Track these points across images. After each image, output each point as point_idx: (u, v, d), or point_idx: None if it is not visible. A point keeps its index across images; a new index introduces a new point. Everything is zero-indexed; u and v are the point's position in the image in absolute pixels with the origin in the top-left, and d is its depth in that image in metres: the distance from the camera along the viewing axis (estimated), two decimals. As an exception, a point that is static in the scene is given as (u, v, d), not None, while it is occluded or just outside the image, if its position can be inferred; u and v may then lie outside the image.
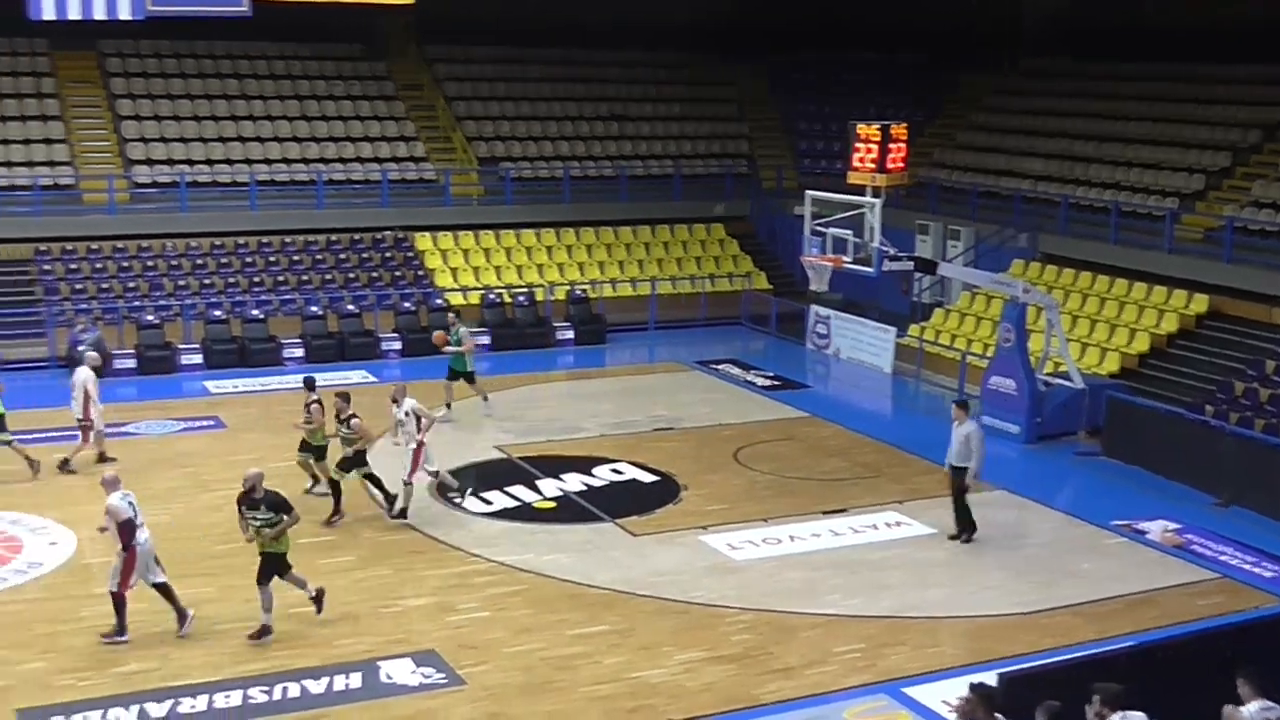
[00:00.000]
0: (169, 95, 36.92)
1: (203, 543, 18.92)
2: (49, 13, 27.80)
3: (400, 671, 15.08)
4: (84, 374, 22.46)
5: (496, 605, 17.03)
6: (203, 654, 15.44)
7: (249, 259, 33.45)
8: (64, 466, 22.01)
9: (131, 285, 31.91)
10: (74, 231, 32.59)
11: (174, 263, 32.80)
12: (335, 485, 20.09)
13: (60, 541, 18.74)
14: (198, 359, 29.84)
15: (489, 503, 20.92)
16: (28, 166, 33.51)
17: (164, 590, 16.11)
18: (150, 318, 30.45)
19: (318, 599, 16.36)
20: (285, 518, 15.90)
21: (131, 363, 29.45)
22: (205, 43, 37.70)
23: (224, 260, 33.23)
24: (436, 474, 20.87)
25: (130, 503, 15.90)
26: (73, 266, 31.99)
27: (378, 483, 20.12)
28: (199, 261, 33.03)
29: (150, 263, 32.66)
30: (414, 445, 20.16)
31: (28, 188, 32.76)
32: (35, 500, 20.27)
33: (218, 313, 31.08)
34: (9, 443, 21.90)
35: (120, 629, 15.77)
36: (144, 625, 16.04)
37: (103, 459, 22.35)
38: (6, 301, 30.38)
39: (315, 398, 20.75)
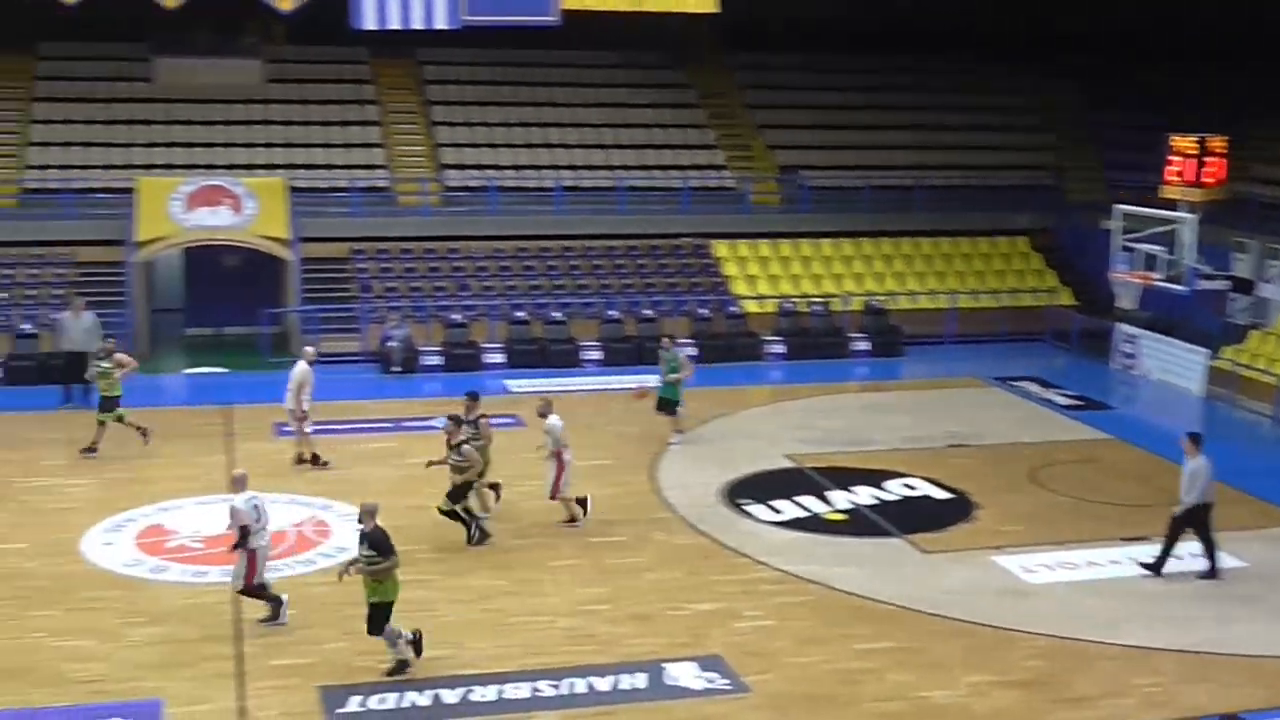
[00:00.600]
0: (480, 102, 38.12)
1: (499, 537, 19.39)
2: (370, 23, 29.04)
3: (685, 674, 15.15)
4: (301, 369, 22.69)
5: (783, 614, 16.96)
6: (495, 645, 15.83)
7: (551, 262, 34.25)
8: (315, 462, 22.60)
9: (440, 285, 33.06)
10: (388, 232, 33.98)
11: (481, 264, 33.84)
12: (454, 515, 19.11)
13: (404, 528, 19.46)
14: (500, 358, 30.71)
15: (779, 511, 20.85)
16: (346, 170, 35.10)
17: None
18: (456, 317, 31.50)
19: (416, 641, 15.33)
20: (382, 560, 14.98)
21: (437, 360, 30.51)
22: (516, 51, 38.75)
23: (528, 263, 34.11)
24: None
25: (255, 505, 16.17)
26: (386, 265, 33.34)
27: (466, 517, 19.10)
28: (504, 264, 33.99)
29: (458, 264, 33.78)
30: (555, 461, 19.91)
31: (346, 190, 34.30)
32: (344, 488, 21.13)
33: (520, 314, 31.92)
34: (121, 418, 23.17)
35: (275, 614, 16.28)
36: (433, 616, 16.57)
37: (301, 460, 22.61)
38: (324, 298, 31.84)
39: (481, 412, 20.23)
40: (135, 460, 22.90)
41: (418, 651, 15.21)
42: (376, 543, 14.89)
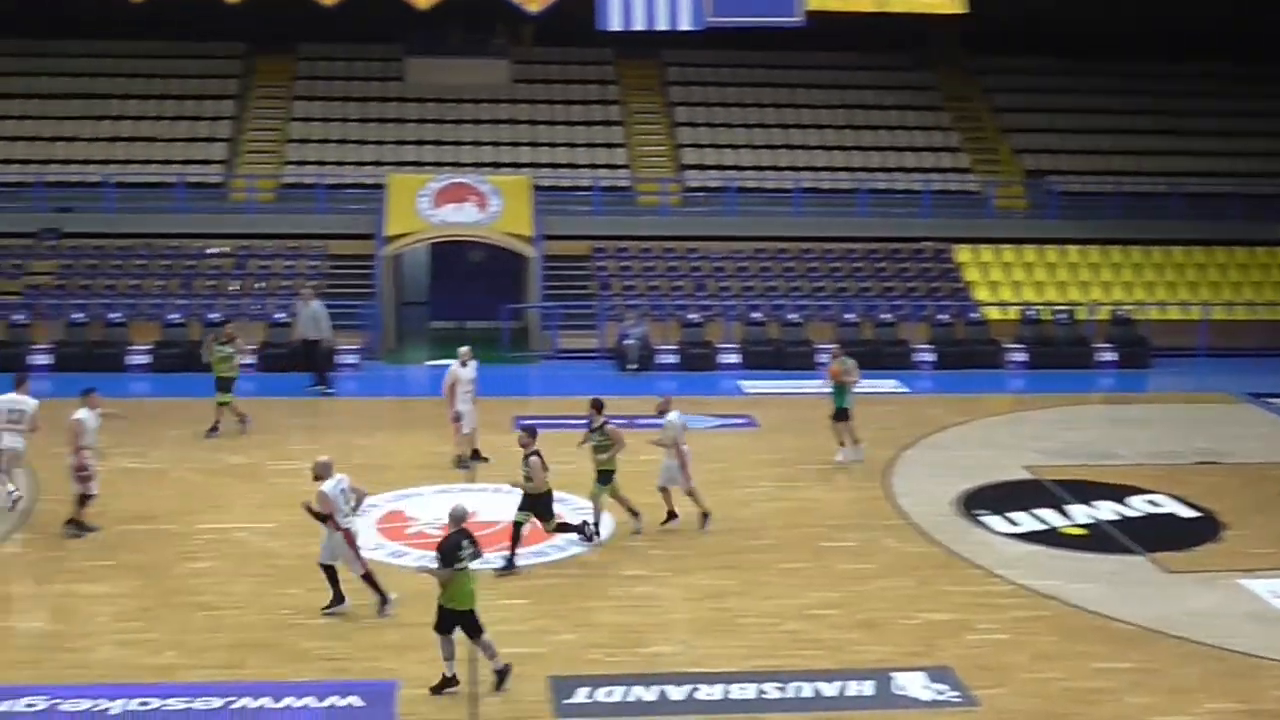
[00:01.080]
0: (723, 103, 38.24)
1: (729, 536, 19.41)
2: (615, 24, 29.39)
3: (913, 684, 14.90)
4: (455, 368, 22.74)
5: (1018, 629, 16.54)
6: (722, 644, 15.82)
7: (789, 264, 34.14)
8: (476, 458, 22.77)
9: (677, 284, 33.26)
10: (628, 231, 34.34)
11: (718, 264, 33.92)
12: (565, 528, 18.66)
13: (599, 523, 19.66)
14: (735, 358, 30.74)
15: (1015, 523, 20.36)
16: (590, 169, 35.59)
17: (330, 572, 16.43)
18: (693, 316, 31.65)
19: (502, 674, 14.60)
20: (441, 569, 14.37)
21: (673, 359, 30.69)
22: (759, 52, 38.77)
23: (765, 264, 34.07)
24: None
25: (341, 490, 16.27)
26: (625, 264, 33.70)
27: (517, 537, 18.16)
28: (741, 264, 34.02)
29: (696, 263, 33.93)
30: (677, 456, 19.56)
31: (588, 188, 34.78)
32: (574, 481, 21.35)
33: (756, 315, 31.91)
34: (227, 403, 24.01)
35: (384, 598, 16.37)
36: (661, 612, 16.64)
37: (461, 461, 22.68)
38: (564, 294, 32.34)
39: (604, 419, 19.51)
40: (379, 448, 23.61)
41: (500, 683, 14.52)
42: (442, 549, 14.37)
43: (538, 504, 18.11)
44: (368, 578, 16.44)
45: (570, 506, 20.28)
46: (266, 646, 15.45)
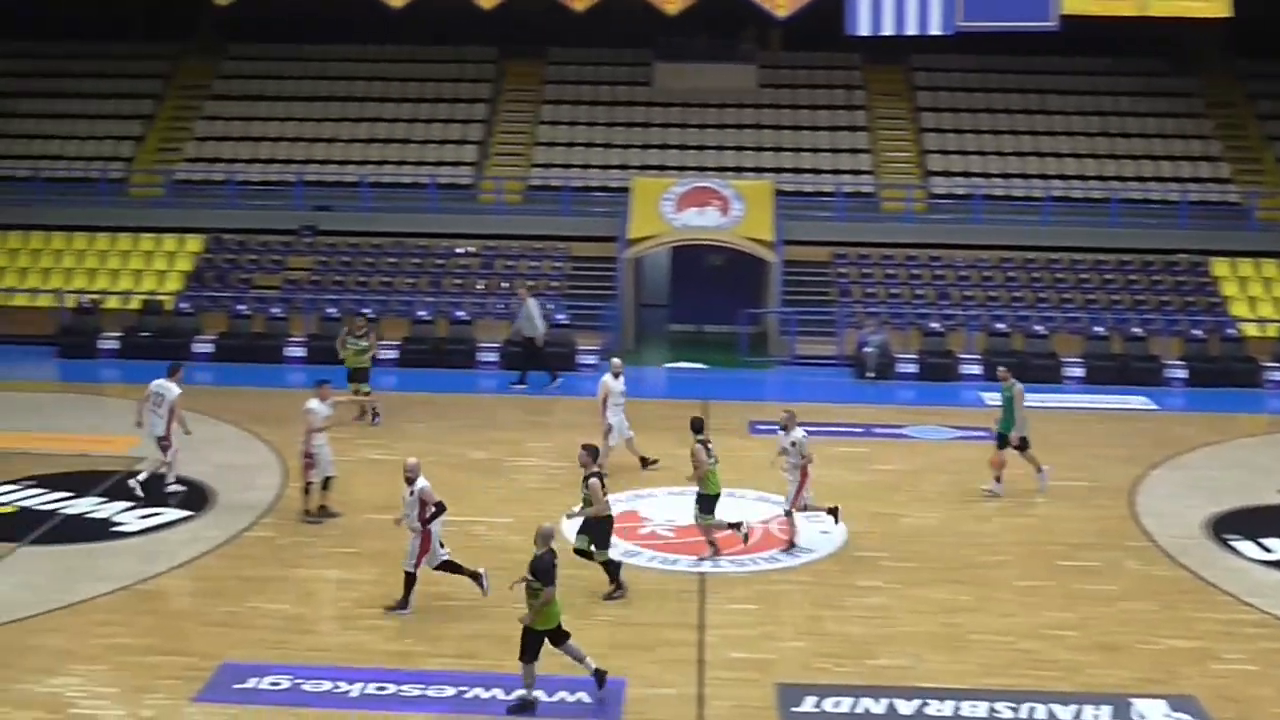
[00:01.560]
0: (970, 109, 37.56)
1: (963, 550, 19.06)
2: (864, 29, 29.17)
3: (1153, 712, 14.36)
4: (607, 380, 22.71)
5: (1268, 660, 15.79)
6: (954, 660, 15.52)
7: (1035, 274, 33.31)
8: (645, 465, 22.63)
9: (920, 293, 32.78)
10: (871, 238, 33.98)
11: (962, 273, 33.32)
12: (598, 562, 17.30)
13: (832, 531, 19.52)
14: (977, 369, 30.11)
15: (1269, 550, 19.46)
16: (833, 174, 35.34)
17: (450, 567, 16.64)
18: (935, 325, 31.14)
19: (599, 676, 14.47)
20: (540, 588, 14.08)
21: (913, 368, 30.24)
22: (1009, 57, 37.96)
23: (1011, 274, 33.32)
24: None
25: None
26: (866, 271, 33.37)
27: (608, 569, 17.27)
28: (986, 273, 33.34)
29: (939, 272, 33.38)
30: (800, 473, 18.87)
31: (831, 194, 34.55)
32: (812, 490, 21.24)
33: (1000, 325, 31.22)
34: (360, 391, 24.60)
35: (404, 603, 16.45)
36: (892, 625, 16.40)
37: (645, 463, 22.56)
38: (803, 300, 32.17)
39: (704, 437, 18.74)
40: (618, 448, 23.82)
41: (599, 685, 14.39)
42: (537, 569, 14.10)
43: (596, 529, 17.16)
44: (409, 578, 16.63)
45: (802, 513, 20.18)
46: (499, 639, 15.72)
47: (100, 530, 19.35)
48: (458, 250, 33.92)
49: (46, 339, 30.86)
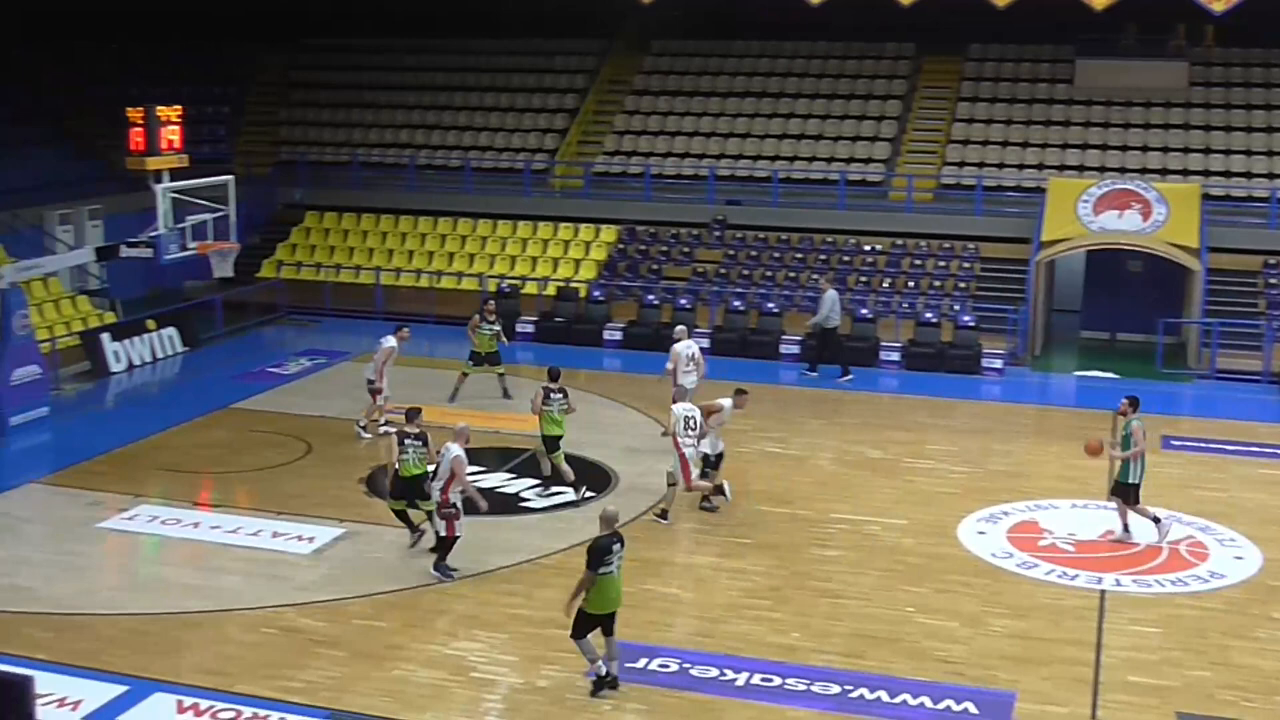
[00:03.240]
0: None
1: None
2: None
3: None
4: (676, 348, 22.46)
5: None
6: None
7: None
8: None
9: (1360, 307, 30.48)
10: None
11: None
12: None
13: (1247, 558, 18.43)
14: None
15: None
16: (1267, 178, 33.24)
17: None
18: (1377, 343, 28.88)
19: (598, 682, 14.35)
20: (586, 573, 14.07)
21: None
22: None
23: None
24: None
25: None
26: (1300, 282, 31.28)
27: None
28: None
29: (1383, 286, 30.95)
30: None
31: (1264, 199, 32.52)
32: (1225, 511, 20.13)
33: None
34: (502, 373, 25.77)
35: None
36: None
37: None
38: (1228, 311, 30.34)
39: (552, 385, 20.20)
40: (1017, 455, 23.27)
41: (596, 688, 14.27)
42: (591, 551, 14.07)
43: None
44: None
45: (1214, 535, 19.16)
46: (886, 641, 15.60)
47: (509, 505, 20.26)
48: (866, 248, 33.70)
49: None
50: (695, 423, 19.67)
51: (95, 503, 20.10)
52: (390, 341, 23.42)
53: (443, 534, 17.25)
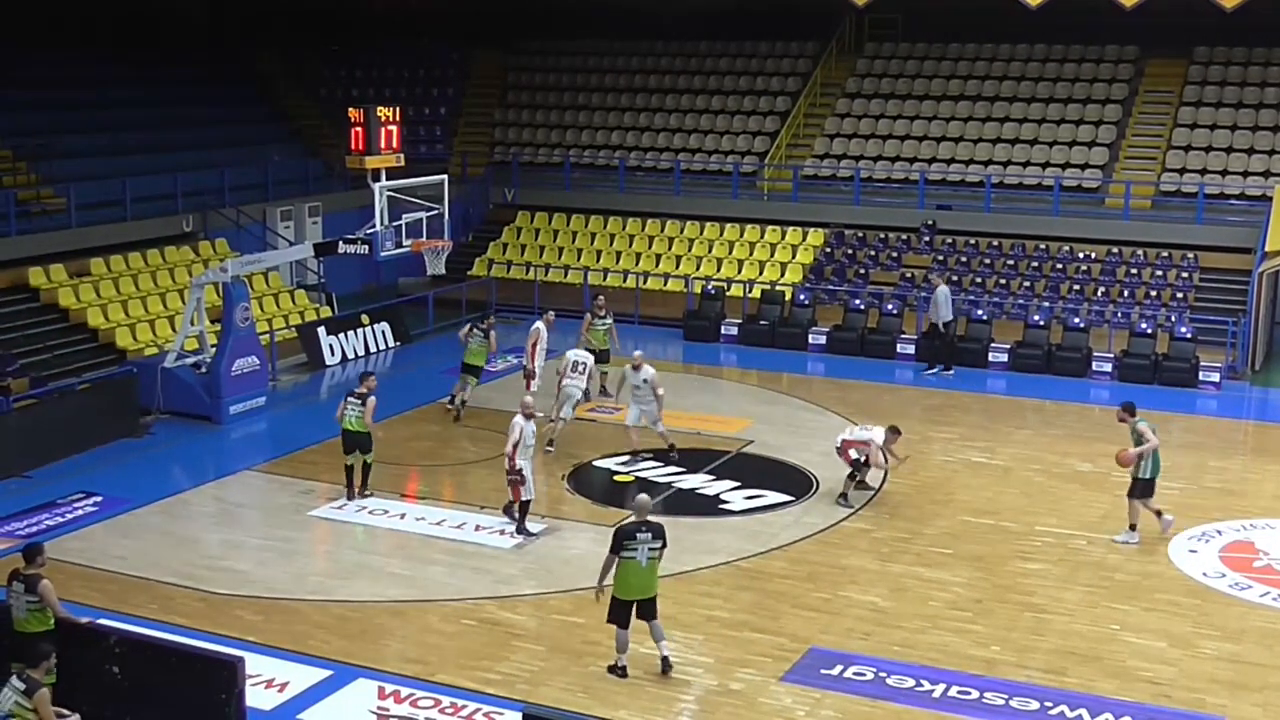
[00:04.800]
0: None
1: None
2: None
3: None
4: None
5: None
6: None
7: None
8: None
9: None
10: None
11: None
12: None
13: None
14: None
15: None
16: None
17: None
18: None
19: (616, 669, 14.81)
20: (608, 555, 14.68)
21: None
22: None
23: None
24: None
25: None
26: None
27: None
28: None
29: None
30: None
31: None
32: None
33: None
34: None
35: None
36: None
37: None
38: None
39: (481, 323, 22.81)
40: (1234, 472, 22.50)
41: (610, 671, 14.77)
42: (613, 534, 14.66)
43: None
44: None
45: None
46: (1090, 658, 15.24)
47: (709, 506, 20.34)
48: (1079, 255, 32.92)
49: (676, 321, 32.67)
50: (583, 366, 22.77)
51: (307, 491, 20.82)
52: (539, 325, 24.89)
53: (510, 499, 18.92)
